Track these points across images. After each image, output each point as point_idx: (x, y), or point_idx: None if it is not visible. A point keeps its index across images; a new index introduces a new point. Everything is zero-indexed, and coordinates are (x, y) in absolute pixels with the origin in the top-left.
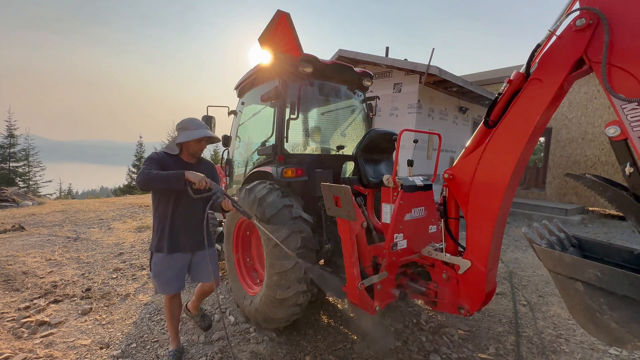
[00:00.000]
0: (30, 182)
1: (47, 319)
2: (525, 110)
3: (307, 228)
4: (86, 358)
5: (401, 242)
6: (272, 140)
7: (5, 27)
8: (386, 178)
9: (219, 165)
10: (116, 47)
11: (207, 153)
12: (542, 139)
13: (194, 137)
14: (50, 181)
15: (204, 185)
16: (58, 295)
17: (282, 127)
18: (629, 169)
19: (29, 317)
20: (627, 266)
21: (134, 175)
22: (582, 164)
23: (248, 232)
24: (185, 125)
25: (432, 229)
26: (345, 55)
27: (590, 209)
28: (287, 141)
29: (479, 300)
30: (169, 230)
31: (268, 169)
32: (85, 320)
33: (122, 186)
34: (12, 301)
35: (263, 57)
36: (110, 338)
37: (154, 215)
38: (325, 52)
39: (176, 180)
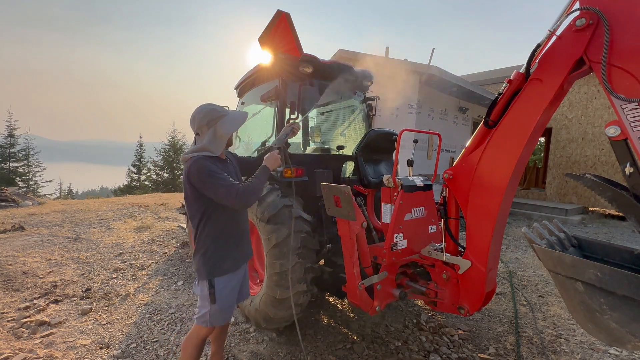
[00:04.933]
0: (30, 182)
1: (47, 319)
2: (525, 110)
3: (307, 228)
4: (86, 358)
5: (401, 242)
6: (272, 140)
7: (5, 26)
8: (386, 178)
9: None
10: (116, 46)
11: None
12: (542, 139)
13: (242, 122)
14: (50, 181)
15: (280, 159)
16: (58, 295)
17: (282, 127)
18: (629, 169)
19: (29, 317)
20: (627, 266)
21: (134, 176)
22: (582, 164)
23: None
24: (216, 114)
25: (432, 229)
26: (345, 55)
27: (590, 209)
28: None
29: (479, 300)
30: (233, 245)
31: None
32: (85, 320)
33: (122, 186)
34: (12, 301)
35: (263, 57)
36: (110, 338)
37: (204, 234)
38: (325, 52)
39: (269, 175)
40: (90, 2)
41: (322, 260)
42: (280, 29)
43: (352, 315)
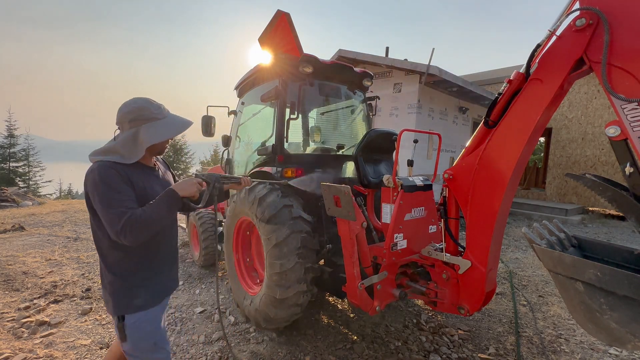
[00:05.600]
0: (30, 182)
1: (47, 319)
2: (525, 110)
3: (307, 228)
4: (86, 358)
5: (401, 242)
6: (272, 140)
7: (5, 25)
8: (386, 178)
9: (219, 165)
10: (116, 46)
11: (208, 153)
12: (542, 139)
13: (177, 132)
14: (50, 181)
15: (198, 190)
16: (58, 295)
17: (282, 127)
18: (629, 169)
19: (29, 317)
20: (627, 266)
21: None
22: (582, 164)
23: (248, 232)
24: (147, 114)
25: (432, 229)
26: (345, 55)
27: (590, 209)
28: (287, 141)
29: (479, 300)
30: (150, 277)
31: (268, 169)
32: (85, 320)
33: None
34: (12, 301)
35: (263, 57)
36: (110, 338)
37: (111, 258)
38: (325, 52)
39: (175, 205)
40: (91, 2)
41: (322, 260)
42: (280, 29)
43: (352, 315)
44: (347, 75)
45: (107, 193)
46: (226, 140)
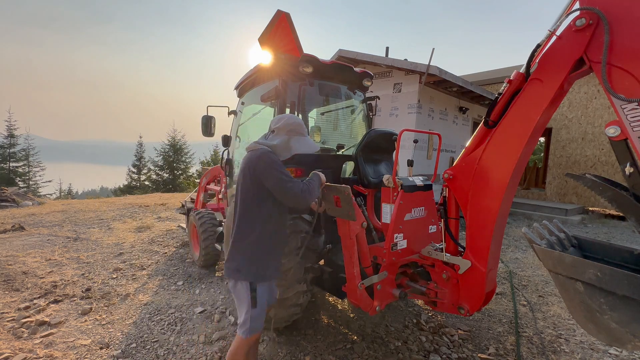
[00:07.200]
0: (30, 182)
1: (47, 319)
2: (525, 110)
3: (307, 228)
4: (86, 358)
5: (401, 242)
6: None
7: (5, 25)
8: (386, 178)
9: (219, 165)
10: (117, 46)
11: (208, 153)
12: (542, 139)
13: (312, 150)
14: (50, 181)
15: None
16: (58, 295)
17: None
18: (629, 169)
19: (29, 317)
20: (627, 266)
21: (134, 175)
22: (582, 164)
23: None
24: (301, 130)
25: (432, 229)
26: (345, 55)
27: (590, 209)
28: None
29: (479, 300)
30: (277, 254)
31: None
32: (85, 320)
33: (122, 186)
34: (12, 301)
35: (263, 57)
36: (110, 338)
37: (256, 234)
38: (325, 52)
39: (320, 186)
40: (93, 2)
41: (322, 260)
42: (280, 29)
43: (352, 315)
44: (347, 75)
45: (283, 170)
46: (226, 140)
